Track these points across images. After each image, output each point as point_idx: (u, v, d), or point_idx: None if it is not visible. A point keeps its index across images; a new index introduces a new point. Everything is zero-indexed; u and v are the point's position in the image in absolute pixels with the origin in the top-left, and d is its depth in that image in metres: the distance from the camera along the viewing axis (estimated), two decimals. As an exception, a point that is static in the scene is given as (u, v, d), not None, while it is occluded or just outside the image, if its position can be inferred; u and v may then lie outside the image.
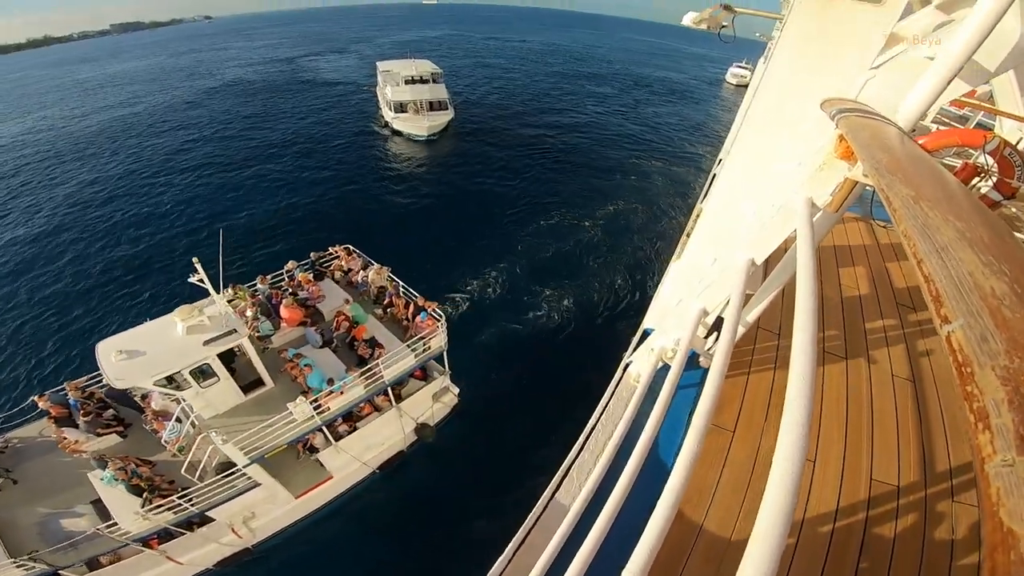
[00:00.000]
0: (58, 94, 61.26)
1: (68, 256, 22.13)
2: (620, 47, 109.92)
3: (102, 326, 17.03)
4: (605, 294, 18.87)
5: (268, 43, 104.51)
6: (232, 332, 9.03)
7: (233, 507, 9.35)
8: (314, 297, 12.35)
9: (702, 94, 57.95)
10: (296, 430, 9.18)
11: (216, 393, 9.29)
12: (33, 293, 19.61)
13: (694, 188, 27.57)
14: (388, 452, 11.60)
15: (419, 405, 11.56)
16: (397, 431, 11.35)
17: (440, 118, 35.75)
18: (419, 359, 10.67)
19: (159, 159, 32.76)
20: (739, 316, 2.72)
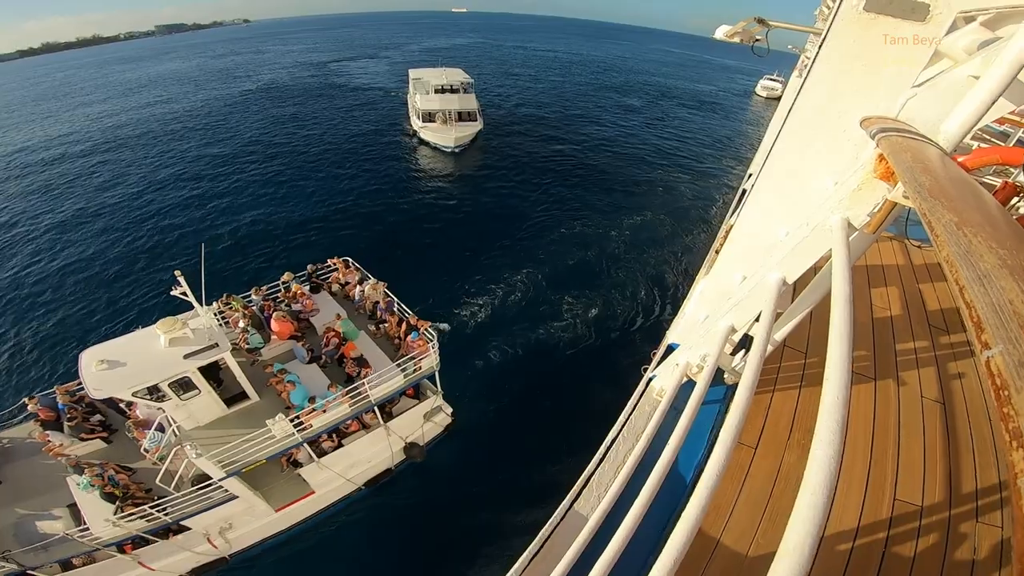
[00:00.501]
0: (103, 92, 64.25)
1: (88, 252, 22.78)
2: (648, 58, 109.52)
3: (112, 326, 17.30)
4: (625, 308, 18.51)
5: (302, 47, 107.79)
6: (213, 347, 8.93)
7: (209, 518, 9.24)
8: (307, 310, 12.14)
9: (731, 106, 57.18)
10: (275, 446, 9.06)
11: (197, 405, 9.21)
12: (42, 291, 20.11)
13: (721, 202, 27.17)
14: (375, 469, 11.35)
15: (409, 424, 11.27)
16: (384, 449, 11.08)
17: (468, 129, 34.41)
18: (408, 380, 10.44)
19: (189, 160, 33.50)
20: (769, 334, 2.70)
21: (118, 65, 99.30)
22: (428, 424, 11.57)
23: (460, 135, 33.19)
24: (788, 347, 4.95)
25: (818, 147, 2.93)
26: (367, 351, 10.92)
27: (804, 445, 4.06)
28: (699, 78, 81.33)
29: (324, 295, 12.94)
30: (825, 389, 1.70)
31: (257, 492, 9.92)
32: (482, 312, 17.62)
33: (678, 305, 17.83)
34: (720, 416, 4.34)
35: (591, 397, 13.96)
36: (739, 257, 3.64)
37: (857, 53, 2.74)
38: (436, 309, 17.37)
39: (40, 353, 16.73)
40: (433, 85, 37.03)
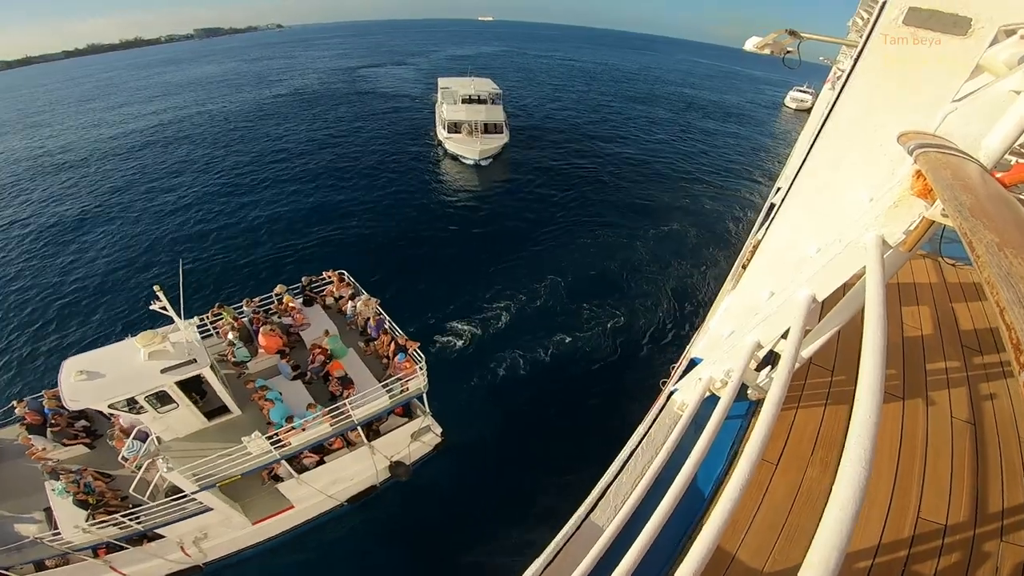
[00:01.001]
0: (145, 94, 66.98)
1: (96, 257, 23.29)
2: (674, 68, 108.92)
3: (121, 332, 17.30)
4: (642, 322, 18.10)
5: (332, 53, 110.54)
6: (192, 362, 8.87)
7: (183, 527, 9.21)
8: (297, 324, 11.95)
9: (759, 118, 56.31)
10: (252, 463, 8.99)
11: (176, 418, 9.20)
12: (53, 289, 20.65)
13: (746, 215, 26.72)
14: (358, 486, 11.22)
15: (396, 443, 11.10)
16: (369, 467, 10.92)
17: (493, 142, 33.27)
18: (394, 401, 10.27)
19: (215, 164, 34.31)
20: (797, 352, 2.66)
21: (159, 67, 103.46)
22: (415, 443, 11.39)
23: (485, 148, 32.22)
24: (814, 364, 4.87)
25: (852, 162, 2.88)
26: (354, 369, 10.75)
27: (827, 462, 4.00)
28: (726, 89, 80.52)
29: (317, 309, 12.78)
30: (857, 407, 1.68)
31: (234, 504, 9.86)
32: (493, 325, 17.45)
33: (696, 320, 17.72)
34: (741, 431, 4.29)
35: (602, 416, 13.73)
36: (767, 273, 3.59)
37: (895, 67, 2.70)
38: (450, 320, 17.36)
39: (44, 357, 16.97)
40: (460, 95, 36.40)
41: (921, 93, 2.63)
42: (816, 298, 2.88)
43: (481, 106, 35.67)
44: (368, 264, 20.18)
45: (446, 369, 14.96)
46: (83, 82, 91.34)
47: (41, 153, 40.88)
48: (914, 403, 4.62)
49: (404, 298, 17.88)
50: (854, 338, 5.32)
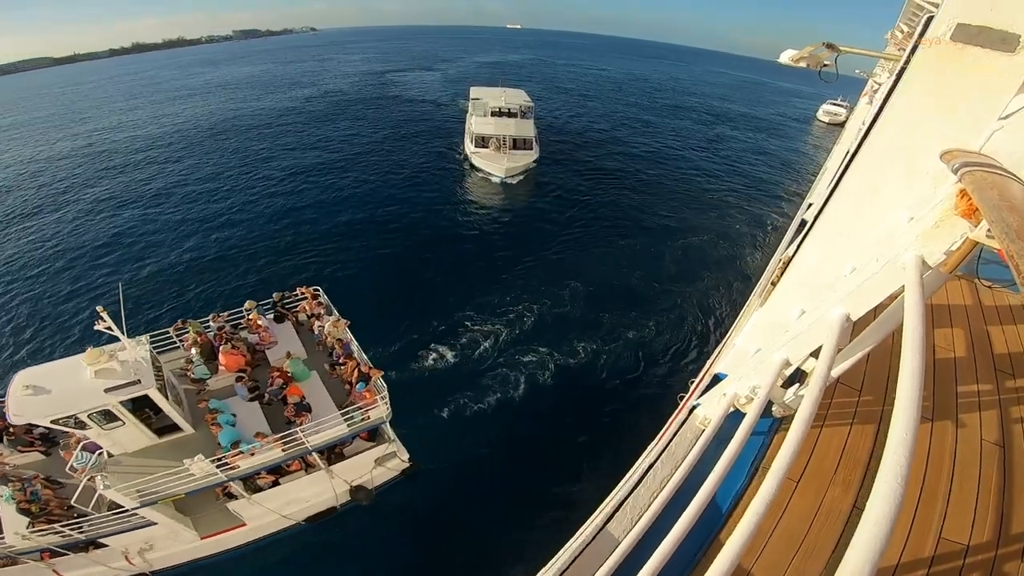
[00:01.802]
0: (185, 93, 69.59)
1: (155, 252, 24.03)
2: (702, 79, 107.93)
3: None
4: (656, 342, 17.55)
5: (362, 57, 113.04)
6: (136, 383, 8.82)
7: (128, 538, 9.21)
8: (263, 342, 11.65)
9: (789, 132, 55.20)
10: (195, 484, 8.93)
11: (123, 434, 9.16)
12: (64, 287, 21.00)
13: (774, 230, 26.20)
14: (316, 507, 11.09)
15: (357, 468, 10.90)
16: (327, 490, 10.75)
17: (521, 159, 31.44)
18: (353, 429, 10.07)
19: (247, 164, 34.97)
20: (829, 371, 2.61)
21: (198, 67, 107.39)
22: (380, 469, 11.20)
23: (512, 166, 30.48)
24: (841, 384, 4.79)
25: (892, 180, 2.82)
26: (314, 394, 10.56)
27: (850, 481, 3.95)
28: (755, 101, 79.43)
29: (288, 326, 12.49)
30: (894, 424, 1.67)
31: (182, 518, 9.86)
32: (484, 344, 16.70)
33: (718, 334, 17.35)
34: (764, 447, 4.23)
35: (598, 448, 13.26)
36: (798, 291, 3.54)
37: (940, 83, 2.64)
38: (453, 335, 17.02)
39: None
40: (490, 107, 34.85)
41: (966, 110, 2.57)
42: (850, 317, 2.82)
43: (511, 120, 34.00)
44: (373, 277, 20.42)
45: (437, 388, 14.75)
46: (124, 80, 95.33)
47: (79, 149, 42.76)
48: (943, 424, 4.55)
49: (405, 314, 17.69)
50: (883, 358, 5.21)
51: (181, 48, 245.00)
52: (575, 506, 10.73)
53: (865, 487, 3.83)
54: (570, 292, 20.01)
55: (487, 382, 15.27)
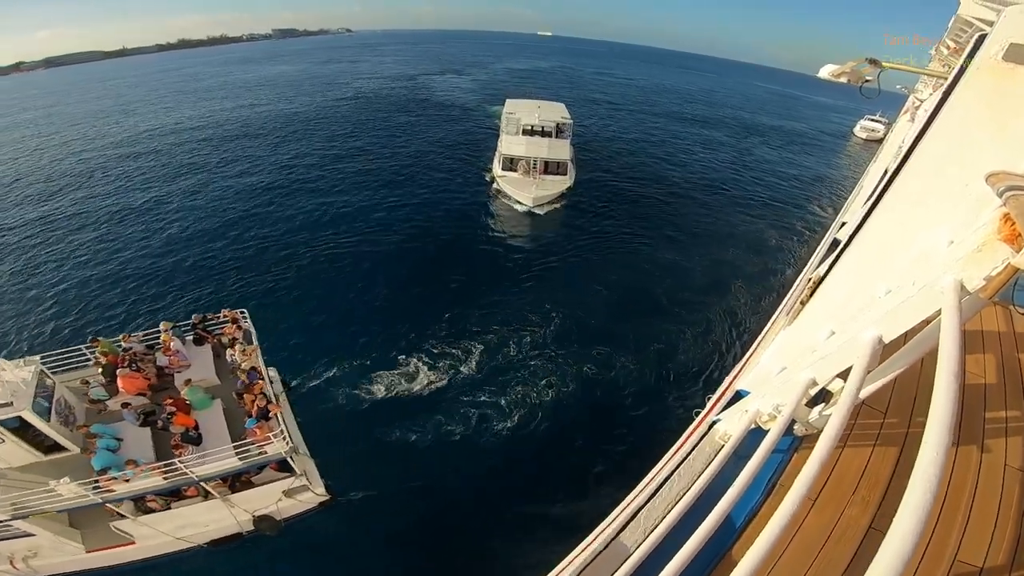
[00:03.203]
0: (226, 90, 72.19)
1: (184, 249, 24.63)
2: (735, 91, 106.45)
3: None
4: (674, 358, 16.93)
5: (394, 59, 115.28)
6: (7, 405, 9.13)
7: (12, 544, 9.52)
8: (172, 366, 11.46)
9: (824, 147, 53.77)
10: (65, 503, 9.09)
11: (6, 451, 9.49)
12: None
13: (802, 247, 25.55)
14: (218, 532, 10.97)
15: (261, 498, 10.71)
16: (227, 517, 10.60)
17: (552, 187, 27.66)
18: (249, 463, 9.87)
19: (275, 164, 35.29)
20: (858, 392, 2.56)
21: (237, 65, 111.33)
22: (289, 501, 11.02)
23: (541, 194, 26.70)
24: (866, 405, 4.72)
25: (933, 200, 2.76)
26: (211, 424, 10.51)
27: (869, 501, 3.90)
28: (789, 115, 77.84)
29: (207, 350, 12.23)
30: (924, 449, 1.68)
31: (70, 531, 10.05)
32: (462, 370, 15.95)
33: (735, 352, 16.95)
34: (782, 465, 4.19)
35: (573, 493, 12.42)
36: (828, 311, 3.49)
37: (989, 103, 2.58)
38: (438, 357, 16.33)
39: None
40: (522, 124, 31.09)
41: (1015, 131, 2.50)
42: (883, 339, 2.77)
43: (544, 140, 30.01)
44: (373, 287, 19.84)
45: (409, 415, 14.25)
46: (166, 75, 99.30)
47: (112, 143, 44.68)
48: (968, 448, 4.46)
49: (377, 340, 16.91)
50: (911, 381, 5.08)
51: (224, 45, 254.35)
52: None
53: (884, 507, 3.76)
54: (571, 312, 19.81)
55: (463, 409, 14.57)
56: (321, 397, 14.70)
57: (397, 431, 13.78)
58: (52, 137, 47.68)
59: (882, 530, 3.61)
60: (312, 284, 20.28)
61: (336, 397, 14.72)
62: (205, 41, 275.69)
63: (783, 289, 12.96)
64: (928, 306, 2.53)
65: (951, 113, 2.73)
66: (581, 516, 8.91)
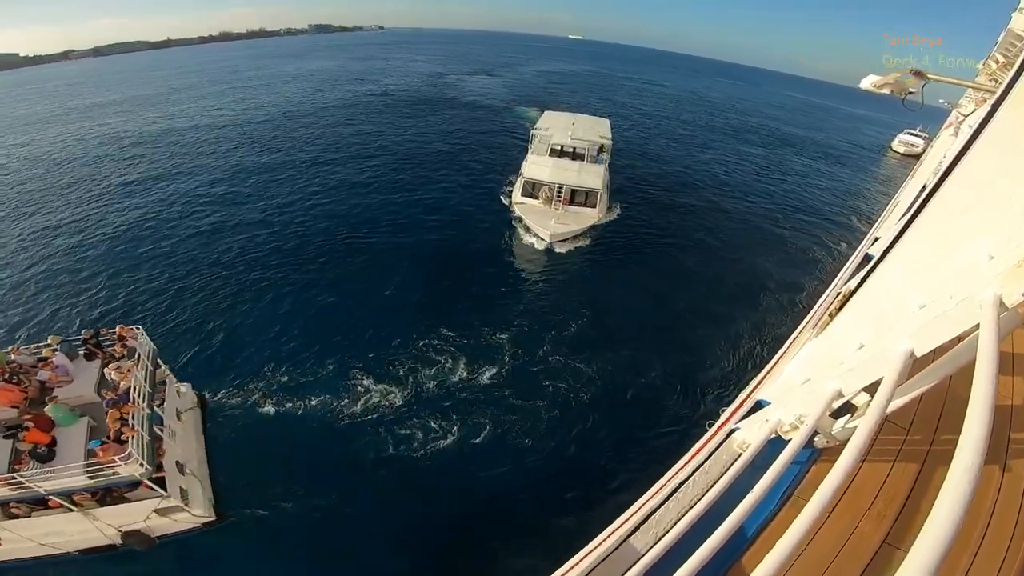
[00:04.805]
0: (260, 84, 74.24)
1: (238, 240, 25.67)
2: (768, 101, 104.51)
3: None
4: (693, 368, 16.53)
5: (425, 57, 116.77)
6: None
7: None
8: (52, 381, 11.39)
9: (858, 160, 52.18)
10: None
11: None
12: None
13: (831, 260, 24.91)
14: (87, 543, 10.96)
15: (127, 515, 10.70)
16: (92, 530, 10.60)
17: (575, 222, 23.35)
18: (98, 483, 9.84)
19: (303, 160, 35.48)
20: (887, 404, 2.51)
21: (273, 59, 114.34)
22: (163, 520, 10.99)
23: (560, 230, 22.38)
24: (889, 421, 4.63)
25: (975, 215, 2.68)
26: (72, 441, 10.41)
27: (884, 515, 3.82)
28: (823, 126, 75.94)
29: (95, 366, 12.03)
30: (954, 467, 1.67)
31: None
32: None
33: (756, 362, 16.56)
34: (799, 476, 4.13)
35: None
36: (859, 324, 3.42)
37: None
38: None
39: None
40: (551, 143, 27.06)
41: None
42: (915, 353, 2.71)
43: (574, 164, 25.52)
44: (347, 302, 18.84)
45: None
46: (204, 69, 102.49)
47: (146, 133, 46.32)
48: (990, 468, 4.32)
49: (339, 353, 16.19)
50: (936, 398, 4.94)
51: (262, 39, 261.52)
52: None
53: (899, 523, 3.68)
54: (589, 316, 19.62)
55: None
56: (248, 416, 14.26)
57: (320, 454, 13.31)
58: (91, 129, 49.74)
59: (896, 545, 3.52)
60: (248, 297, 19.18)
61: (264, 416, 14.23)
62: (245, 34, 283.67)
63: (809, 302, 12.61)
64: (965, 320, 2.47)
65: (999, 127, 2.65)
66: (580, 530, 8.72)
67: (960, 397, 4.08)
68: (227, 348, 16.67)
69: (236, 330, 17.46)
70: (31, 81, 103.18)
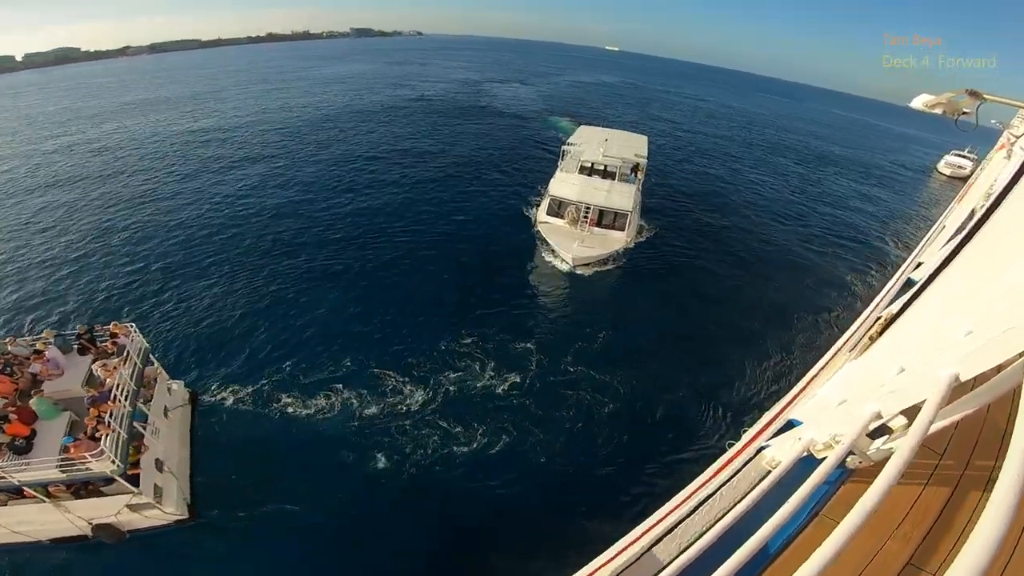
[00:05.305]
0: (303, 83, 76.98)
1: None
2: (811, 118, 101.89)
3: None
4: (719, 387, 16.20)
5: (461, 64, 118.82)
6: None
7: None
8: (42, 375, 11.66)
9: (902, 182, 50.13)
10: None
11: None
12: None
13: (868, 286, 24.00)
14: (59, 532, 11.19)
15: (97, 508, 10.90)
16: (63, 521, 10.82)
17: (601, 246, 21.69)
18: (70, 477, 10.07)
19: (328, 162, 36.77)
20: (929, 426, 2.49)
21: (315, 61, 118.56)
22: (133, 515, 11.12)
23: (584, 254, 20.86)
24: (924, 446, 4.52)
25: None
26: (52, 435, 10.59)
27: (911, 537, 3.74)
28: (866, 145, 73.43)
29: (88, 360, 12.20)
30: (997, 493, 1.66)
31: None
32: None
33: (783, 383, 16.12)
34: (827, 496, 4.07)
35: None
36: (901, 348, 3.38)
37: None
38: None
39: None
40: (582, 160, 25.58)
41: None
42: (960, 378, 2.68)
43: (604, 183, 23.94)
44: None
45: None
46: (252, 67, 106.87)
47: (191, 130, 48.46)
48: None
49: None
50: (973, 425, 4.78)
51: (306, 41, 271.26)
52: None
53: (926, 545, 3.61)
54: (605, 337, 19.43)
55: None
56: (242, 417, 14.21)
57: (313, 460, 13.17)
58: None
59: (920, 566, 3.43)
60: (258, 301, 19.13)
61: (259, 418, 14.17)
62: (290, 36, 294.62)
63: (844, 324, 12.23)
64: (1012, 347, 2.43)
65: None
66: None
67: (998, 425, 3.95)
68: (230, 347, 16.70)
69: (241, 329, 17.54)
70: (87, 76, 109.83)
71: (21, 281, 20.67)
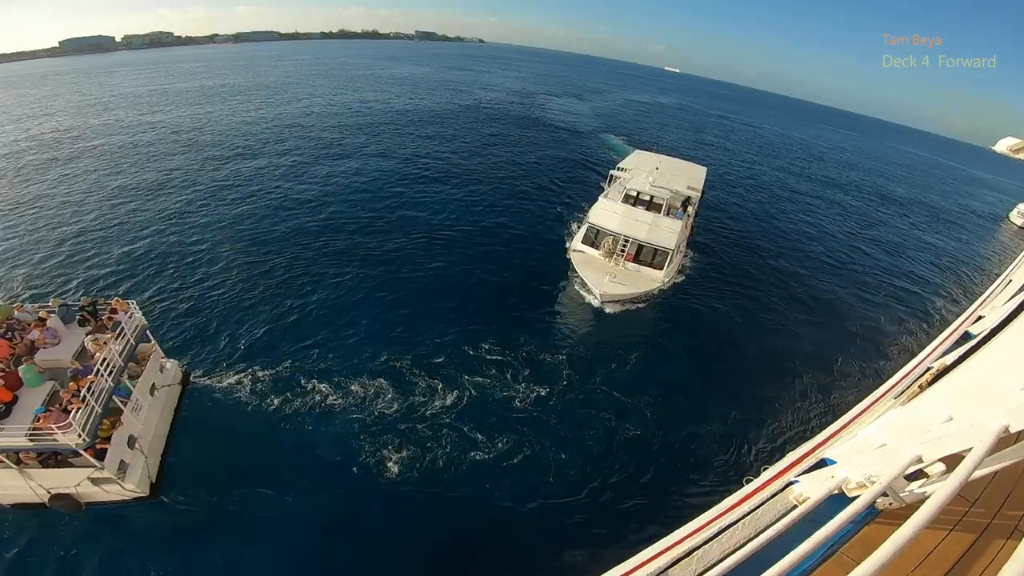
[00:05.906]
0: (366, 81, 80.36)
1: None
2: (879, 156, 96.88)
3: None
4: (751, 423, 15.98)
5: (518, 75, 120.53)
6: None
7: None
8: (40, 342, 11.88)
9: (969, 229, 46.74)
10: None
11: None
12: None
13: (918, 336, 22.58)
14: (16, 499, 11.26)
15: (58, 478, 10.96)
16: (23, 487, 10.88)
17: (633, 284, 19.96)
18: (38, 445, 10.11)
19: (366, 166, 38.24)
20: (970, 475, 2.45)
21: (380, 60, 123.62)
22: (94, 489, 11.13)
23: (614, 291, 19.19)
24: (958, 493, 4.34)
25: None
26: (32, 402, 10.68)
27: None
28: (936, 187, 69.19)
29: (83, 333, 12.33)
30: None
31: None
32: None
33: (812, 423, 15.45)
34: (849, 534, 3.94)
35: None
36: (952, 398, 3.30)
37: None
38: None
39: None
40: (627, 188, 23.94)
41: None
42: (1009, 429, 2.61)
43: (647, 216, 21.71)
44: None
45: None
46: (324, 63, 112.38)
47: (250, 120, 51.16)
48: None
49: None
50: (1009, 476, 4.51)
51: (375, 40, 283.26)
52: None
53: None
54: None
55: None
56: (236, 403, 14.21)
57: (294, 450, 13.03)
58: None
59: None
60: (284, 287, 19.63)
61: (248, 404, 14.13)
62: (360, 34, 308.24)
63: (887, 373, 11.55)
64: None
65: None
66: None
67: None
68: (236, 333, 16.90)
69: (250, 316, 17.79)
70: (182, 59, 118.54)
71: (76, 247, 22.16)
